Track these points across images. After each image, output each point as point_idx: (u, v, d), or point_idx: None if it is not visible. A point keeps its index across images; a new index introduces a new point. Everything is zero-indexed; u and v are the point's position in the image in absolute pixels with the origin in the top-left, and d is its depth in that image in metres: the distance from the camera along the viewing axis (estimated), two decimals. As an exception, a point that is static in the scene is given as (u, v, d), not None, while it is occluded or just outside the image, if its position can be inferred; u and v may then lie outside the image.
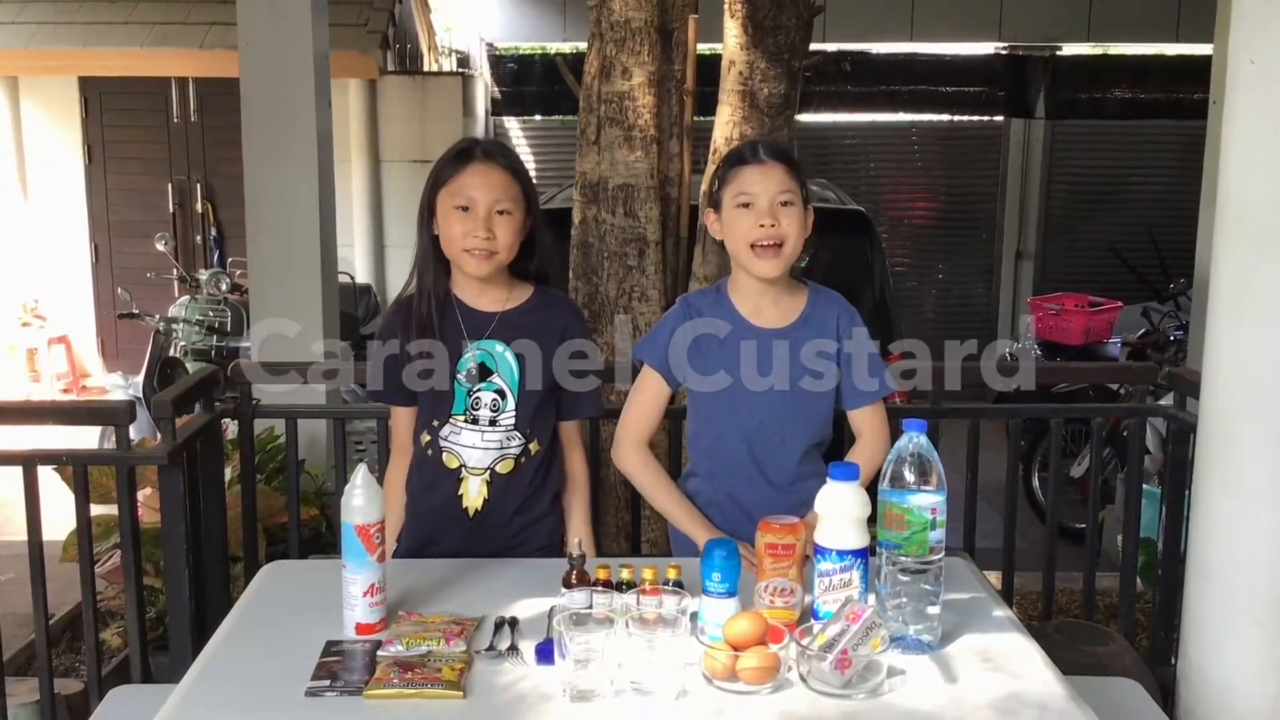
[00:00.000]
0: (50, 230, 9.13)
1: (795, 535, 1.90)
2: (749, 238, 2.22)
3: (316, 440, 4.33)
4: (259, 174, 4.59)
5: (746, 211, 2.22)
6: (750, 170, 2.23)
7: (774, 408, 2.29)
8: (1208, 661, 2.63)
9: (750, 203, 2.22)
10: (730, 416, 2.31)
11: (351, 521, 1.88)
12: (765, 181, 2.22)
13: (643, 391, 2.38)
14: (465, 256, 2.25)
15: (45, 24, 8.27)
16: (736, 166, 2.26)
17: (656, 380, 2.36)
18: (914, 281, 9.80)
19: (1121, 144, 9.64)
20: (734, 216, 2.24)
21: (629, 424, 2.39)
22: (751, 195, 2.22)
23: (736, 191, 2.24)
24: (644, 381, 2.38)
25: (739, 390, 2.29)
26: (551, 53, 9.69)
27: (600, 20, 3.60)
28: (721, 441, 2.34)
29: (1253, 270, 2.48)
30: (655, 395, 2.37)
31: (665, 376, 2.35)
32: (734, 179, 2.25)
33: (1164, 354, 5.87)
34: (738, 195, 2.23)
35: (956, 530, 3.20)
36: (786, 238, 2.22)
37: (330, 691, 1.70)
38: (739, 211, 2.23)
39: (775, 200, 2.21)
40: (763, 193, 2.21)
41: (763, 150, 2.26)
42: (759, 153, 2.25)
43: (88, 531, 2.93)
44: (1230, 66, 2.52)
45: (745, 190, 2.22)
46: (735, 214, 2.24)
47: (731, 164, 2.28)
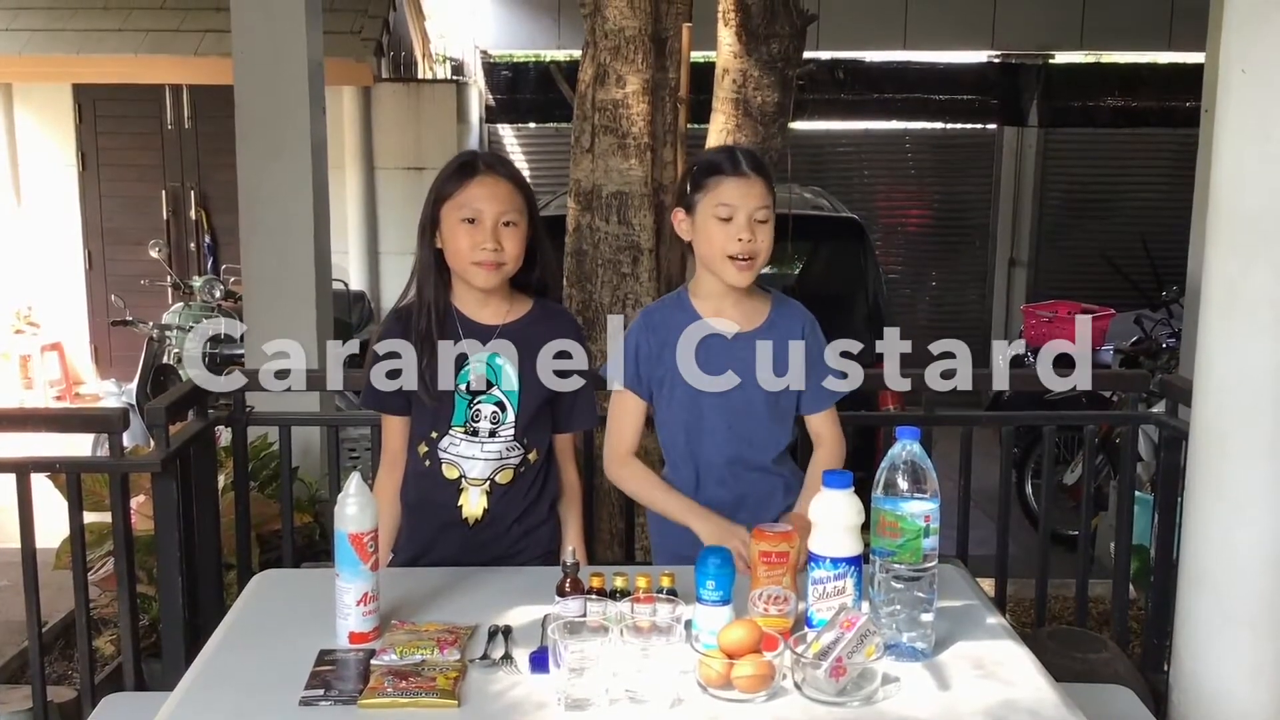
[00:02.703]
0: (44, 237, 9.10)
1: (789, 543, 1.91)
2: (726, 250, 2.24)
3: (310, 447, 4.33)
4: (253, 181, 4.59)
5: (725, 224, 2.23)
6: (732, 183, 2.24)
7: (740, 410, 2.32)
8: (1200, 668, 2.64)
9: (730, 216, 2.23)
10: (697, 420, 2.34)
11: (345, 530, 1.88)
12: (747, 196, 2.23)
13: (619, 409, 2.40)
14: (474, 269, 2.25)
15: (39, 31, 8.26)
16: (717, 176, 2.26)
17: (628, 397, 2.38)
18: (907, 289, 9.81)
19: (1114, 152, 9.65)
20: (711, 225, 2.25)
21: (611, 444, 2.41)
22: (731, 209, 2.23)
23: (716, 202, 2.24)
24: (617, 401, 2.40)
25: (703, 394, 2.32)
26: (546, 60, 9.70)
27: (594, 28, 3.61)
28: (691, 446, 2.36)
29: (1244, 278, 2.48)
30: (631, 411, 2.39)
31: (636, 391, 2.37)
32: (714, 188, 2.25)
33: (1156, 361, 5.89)
34: (717, 206, 2.24)
35: (950, 537, 3.21)
36: (759, 253, 2.26)
37: (324, 701, 1.70)
38: (717, 222, 2.24)
39: (754, 215, 2.23)
40: (742, 207, 2.23)
41: (745, 163, 2.26)
42: (741, 165, 2.26)
43: (81, 539, 2.93)
44: (1222, 75, 2.53)
45: (725, 202, 2.24)
46: (713, 223, 2.25)
47: (712, 171, 2.28)
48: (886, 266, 8.79)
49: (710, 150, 2.38)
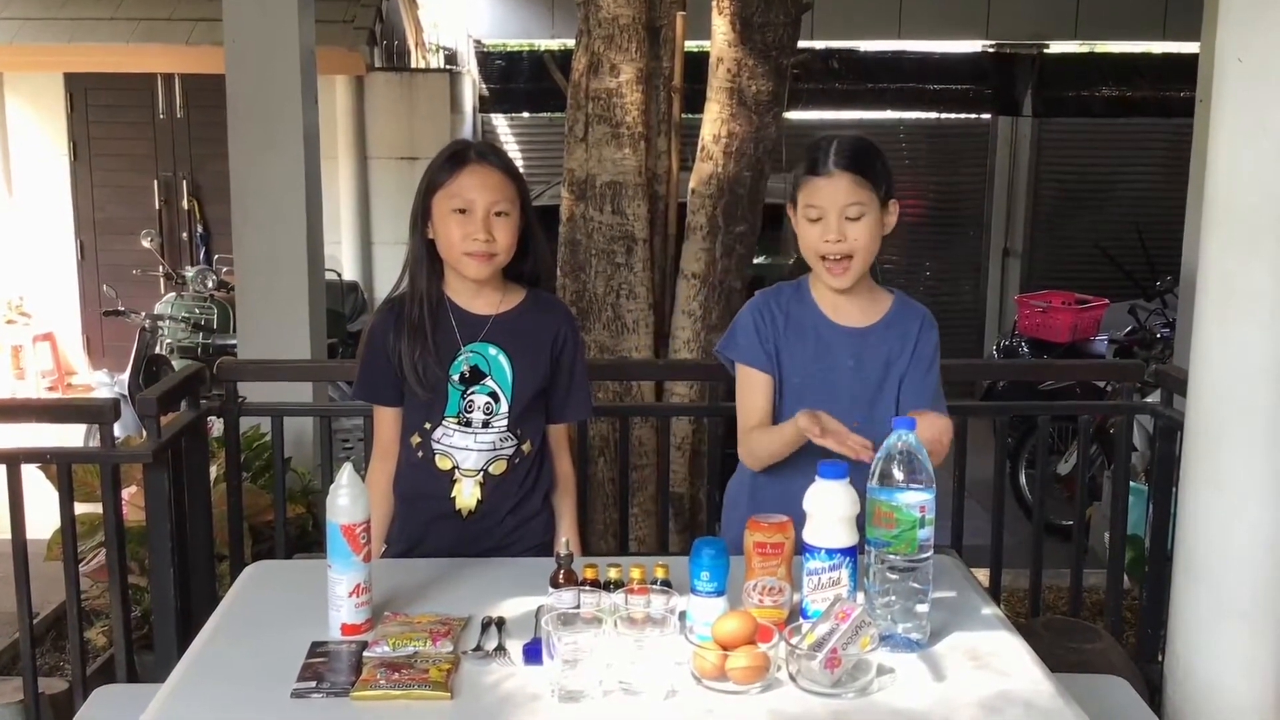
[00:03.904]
0: (35, 227, 9.08)
1: (784, 534, 1.90)
2: (818, 250, 2.21)
3: (303, 438, 4.31)
4: (245, 171, 4.57)
5: (815, 224, 2.20)
6: (817, 183, 2.19)
7: (849, 403, 2.24)
8: (1195, 658, 2.64)
9: (819, 217, 2.19)
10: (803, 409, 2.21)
11: (337, 521, 1.87)
12: (832, 195, 2.18)
13: (744, 387, 2.33)
14: (465, 260, 2.24)
15: (30, 19, 8.22)
16: (807, 175, 2.21)
17: (751, 373, 2.31)
18: (901, 279, 9.79)
19: (1109, 142, 9.65)
20: (804, 226, 2.23)
21: (743, 425, 2.33)
22: (819, 209, 2.19)
23: (805, 203, 2.21)
24: (742, 379, 2.33)
25: (823, 383, 2.27)
26: (539, 49, 9.66)
27: (588, 17, 3.59)
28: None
29: (1239, 267, 2.48)
30: (757, 386, 2.31)
31: (759, 366, 2.30)
32: (804, 188, 2.21)
33: (1151, 351, 5.89)
34: (806, 207, 2.21)
35: (945, 528, 3.21)
36: (855, 251, 2.20)
37: (316, 693, 1.69)
38: (808, 223, 2.21)
39: (842, 214, 2.18)
40: (830, 206, 2.18)
41: (832, 159, 2.18)
42: (828, 163, 2.18)
43: (72, 530, 2.92)
44: (1217, 65, 2.52)
45: (812, 203, 2.20)
46: (805, 225, 2.22)
47: (804, 169, 2.23)
48: (880, 256, 8.76)
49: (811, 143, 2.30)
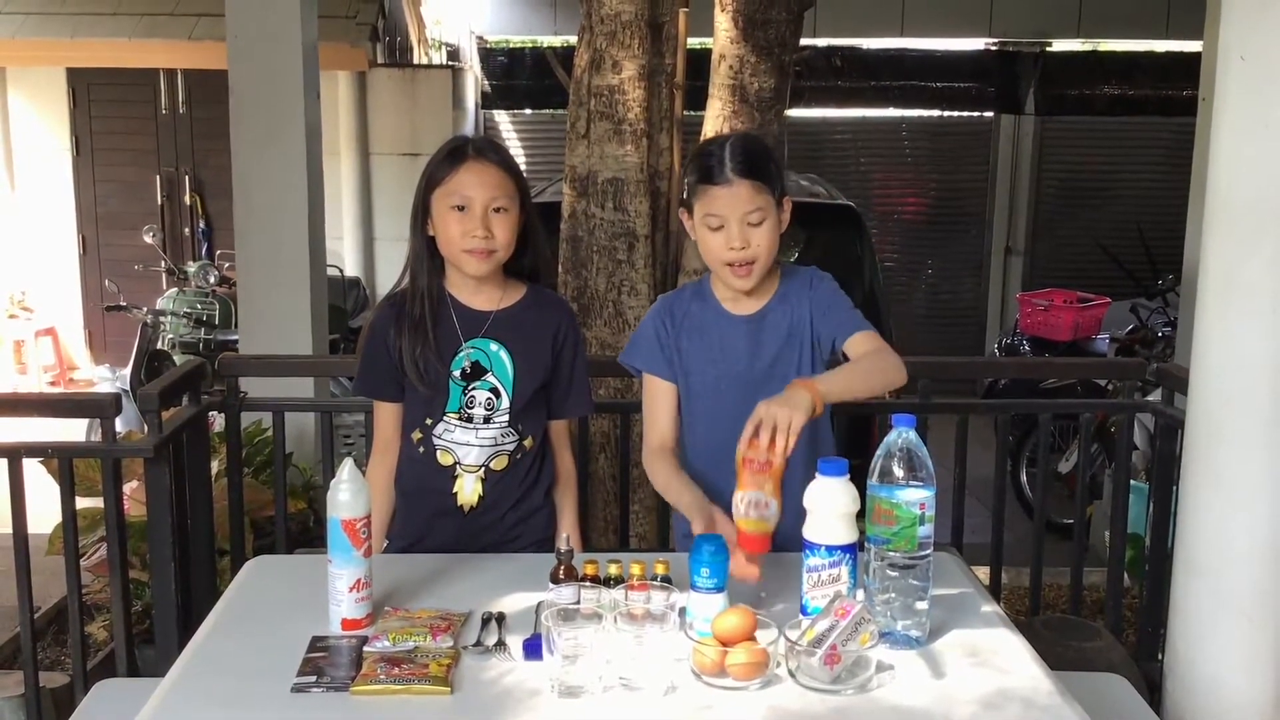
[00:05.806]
0: (37, 222, 9.08)
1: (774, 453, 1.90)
2: (723, 259, 2.22)
3: (304, 433, 4.32)
4: (247, 166, 4.57)
5: (717, 233, 2.20)
6: (716, 192, 2.19)
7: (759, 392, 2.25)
8: (1195, 656, 2.64)
9: (720, 225, 2.20)
10: (718, 407, 2.29)
11: (338, 516, 1.87)
12: (733, 204, 2.18)
13: (647, 396, 2.36)
14: (465, 257, 2.24)
15: (33, 14, 8.22)
16: (704, 184, 2.21)
17: (655, 381, 2.34)
18: (903, 277, 9.81)
19: (1111, 140, 9.65)
20: (705, 234, 2.23)
21: (646, 435, 2.36)
22: (720, 218, 2.19)
23: (705, 212, 2.21)
24: (646, 388, 2.36)
25: (725, 379, 2.29)
26: (542, 46, 9.67)
27: (590, 13, 3.59)
28: (714, 433, 2.30)
29: (1241, 266, 2.48)
30: (660, 395, 2.34)
31: (660, 374, 2.33)
32: (702, 196, 2.22)
33: (1152, 350, 5.89)
34: (706, 216, 2.21)
35: (945, 525, 3.21)
36: (758, 256, 2.21)
37: (316, 688, 1.70)
38: (709, 231, 2.21)
39: (744, 221, 2.19)
40: (731, 215, 2.18)
41: (729, 169, 2.18)
42: (724, 172, 2.18)
43: (73, 524, 2.92)
44: (1220, 63, 2.52)
45: (713, 212, 2.20)
46: (706, 233, 2.22)
47: (699, 178, 2.23)
48: (882, 254, 8.78)
49: (699, 149, 2.30)
